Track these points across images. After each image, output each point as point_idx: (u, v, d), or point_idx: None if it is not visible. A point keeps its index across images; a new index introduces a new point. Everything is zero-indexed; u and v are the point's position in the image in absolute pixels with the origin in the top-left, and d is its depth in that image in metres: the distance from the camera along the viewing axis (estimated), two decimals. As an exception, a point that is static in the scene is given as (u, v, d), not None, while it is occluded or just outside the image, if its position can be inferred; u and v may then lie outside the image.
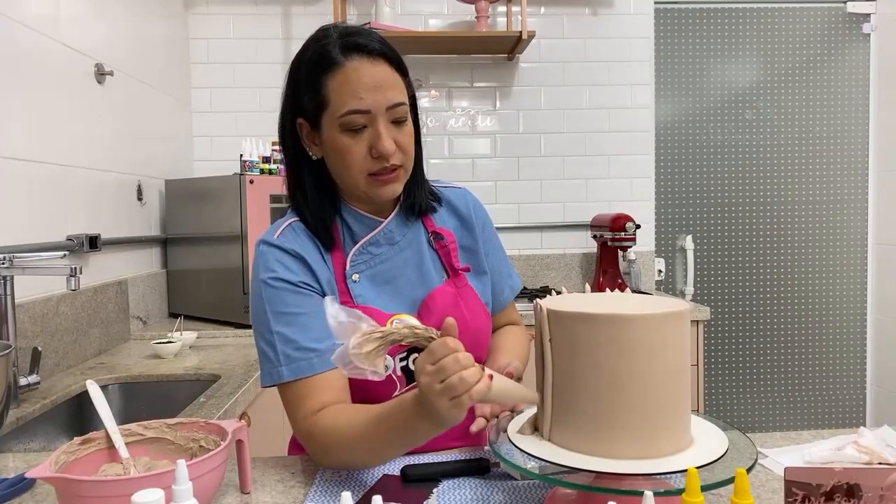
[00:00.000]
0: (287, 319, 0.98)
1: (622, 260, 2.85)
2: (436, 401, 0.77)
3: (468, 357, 0.77)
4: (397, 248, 1.08)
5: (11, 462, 1.12)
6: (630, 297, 0.89)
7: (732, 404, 3.19)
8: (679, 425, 0.79)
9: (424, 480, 0.93)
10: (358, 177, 1.00)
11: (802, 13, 3.14)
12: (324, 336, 0.98)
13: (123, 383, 1.73)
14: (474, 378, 0.76)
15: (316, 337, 0.98)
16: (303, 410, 0.96)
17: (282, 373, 0.97)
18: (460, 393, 0.75)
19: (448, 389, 0.75)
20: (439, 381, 0.76)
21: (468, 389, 0.75)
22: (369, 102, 0.96)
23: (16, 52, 1.65)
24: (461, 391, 0.75)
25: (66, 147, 1.86)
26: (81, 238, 1.86)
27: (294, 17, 2.92)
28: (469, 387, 0.75)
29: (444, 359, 0.76)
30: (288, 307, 0.99)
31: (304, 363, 0.97)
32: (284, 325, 0.98)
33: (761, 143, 3.16)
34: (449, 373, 0.75)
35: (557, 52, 3.02)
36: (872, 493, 0.66)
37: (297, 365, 0.97)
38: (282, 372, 0.97)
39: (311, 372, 0.97)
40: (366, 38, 0.98)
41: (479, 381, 0.77)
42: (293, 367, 0.97)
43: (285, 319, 0.98)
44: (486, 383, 0.77)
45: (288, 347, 0.97)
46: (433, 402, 0.77)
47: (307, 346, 0.97)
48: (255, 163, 2.41)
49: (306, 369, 0.97)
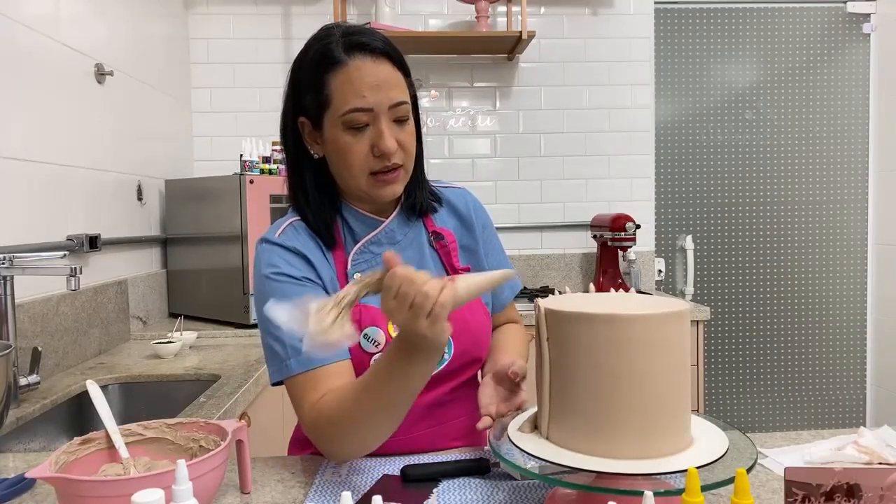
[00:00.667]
0: None
1: (622, 260, 2.85)
2: (413, 327, 0.76)
3: (422, 275, 0.76)
4: (398, 247, 1.08)
5: (11, 462, 1.12)
6: (630, 297, 0.89)
7: (732, 404, 3.19)
8: (679, 425, 0.79)
9: (424, 480, 0.93)
10: (359, 176, 1.00)
11: (802, 13, 3.14)
12: None
13: (123, 383, 1.73)
14: (436, 289, 0.76)
15: None
16: (309, 401, 0.95)
17: (290, 366, 0.96)
18: (430, 307, 0.75)
19: (418, 309, 0.75)
20: (407, 308, 0.76)
21: (436, 300, 0.75)
22: (372, 101, 0.96)
23: (16, 52, 1.65)
24: (429, 305, 0.75)
25: (66, 147, 1.86)
26: (81, 238, 1.86)
27: (294, 17, 2.92)
28: (435, 298, 0.75)
29: (400, 286, 0.76)
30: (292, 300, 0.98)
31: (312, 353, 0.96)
32: None
33: (761, 143, 3.16)
34: (411, 295, 0.75)
35: (557, 52, 3.02)
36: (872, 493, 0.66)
37: (304, 357, 0.96)
38: (290, 365, 0.96)
39: (319, 363, 0.96)
40: (369, 37, 0.98)
41: (444, 290, 0.76)
42: (301, 360, 0.96)
43: None
44: (450, 289, 0.77)
45: (295, 340, 0.97)
46: (411, 330, 0.77)
47: None
48: (255, 163, 2.41)
49: (314, 360, 0.96)
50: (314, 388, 0.95)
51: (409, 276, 0.76)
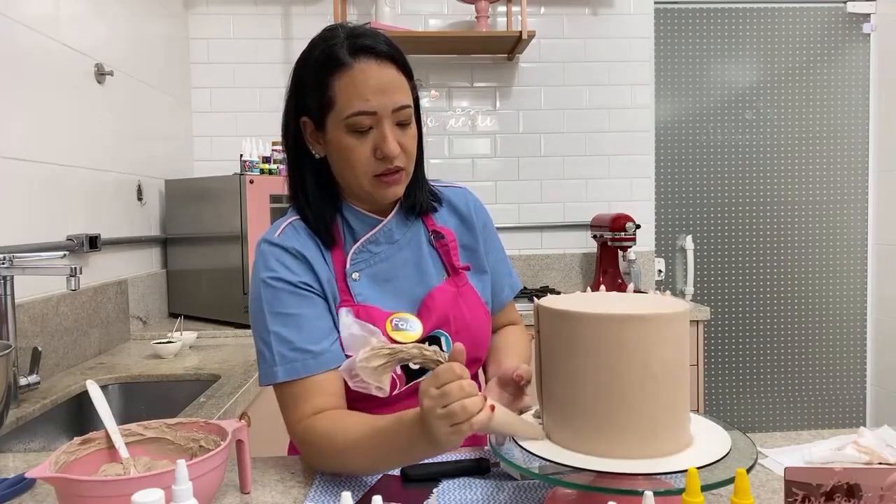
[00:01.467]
0: (284, 320, 0.98)
1: (622, 260, 2.85)
2: (436, 425, 0.77)
3: (472, 385, 0.77)
4: (397, 246, 1.08)
5: (11, 462, 1.12)
6: (630, 296, 0.89)
7: (732, 404, 3.19)
8: (679, 425, 0.79)
9: (424, 480, 0.93)
10: (362, 177, 1.00)
11: (802, 13, 3.14)
12: (320, 338, 0.98)
13: (123, 383, 1.73)
14: (476, 407, 0.76)
15: (312, 339, 0.98)
16: (298, 413, 0.96)
17: (277, 373, 0.97)
18: (461, 420, 0.75)
19: (449, 416, 0.75)
20: (442, 407, 0.76)
21: (469, 418, 0.75)
22: (376, 104, 0.96)
23: (16, 52, 1.65)
24: (462, 419, 0.75)
25: (66, 147, 1.86)
26: (81, 238, 1.86)
27: (294, 17, 2.92)
28: (470, 415, 0.75)
29: (449, 384, 0.76)
30: (286, 307, 0.99)
31: (300, 364, 0.97)
32: (281, 326, 0.98)
33: (761, 143, 3.16)
34: (452, 399, 0.75)
35: (557, 52, 3.02)
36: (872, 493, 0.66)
37: (291, 366, 0.97)
38: (277, 372, 0.97)
39: (306, 373, 0.97)
40: (373, 39, 0.98)
41: (481, 412, 0.76)
42: (288, 368, 0.97)
43: (282, 320, 0.98)
44: (487, 413, 0.77)
45: (284, 348, 0.97)
46: (433, 425, 0.77)
47: (303, 348, 0.97)
48: (255, 163, 2.41)
49: (301, 370, 0.97)
50: (302, 400, 0.96)
51: (460, 379, 0.76)
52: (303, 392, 0.97)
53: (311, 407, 0.96)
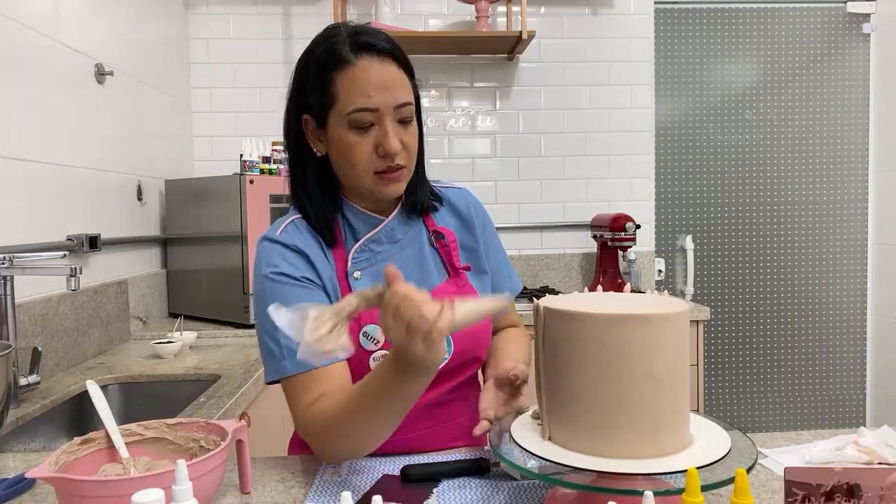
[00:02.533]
0: None
1: (622, 260, 2.85)
2: (408, 347, 0.77)
3: (423, 295, 0.77)
4: (398, 246, 1.09)
5: (11, 462, 1.12)
6: (630, 296, 0.89)
7: (732, 404, 3.19)
8: (678, 425, 0.79)
9: (424, 480, 0.93)
10: (363, 175, 1.00)
11: (802, 13, 3.14)
12: None
13: (123, 383, 1.73)
14: (434, 310, 0.76)
15: None
16: (303, 402, 0.96)
17: (285, 366, 0.97)
18: (427, 329, 0.75)
19: (414, 331, 0.75)
20: (404, 329, 0.76)
21: (433, 323, 0.75)
22: (377, 101, 0.96)
23: (16, 52, 1.65)
24: (426, 327, 0.75)
25: (66, 147, 1.86)
26: (81, 238, 1.86)
27: (294, 17, 2.92)
28: (433, 320, 0.75)
29: (399, 305, 0.76)
30: (290, 301, 0.99)
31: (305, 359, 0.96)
32: None
33: (761, 143, 3.16)
34: (408, 315, 0.75)
35: (557, 52, 3.02)
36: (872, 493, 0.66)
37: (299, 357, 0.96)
38: (285, 366, 0.97)
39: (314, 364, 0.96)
40: (375, 37, 0.99)
41: (442, 313, 0.76)
42: (296, 361, 0.96)
43: None
44: (448, 314, 0.77)
45: (291, 341, 0.97)
46: (406, 349, 0.77)
47: None
48: (255, 163, 2.41)
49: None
50: (309, 389, 0.96)
51: (409, 295, 0.76)
52: (310, 382, 0.96)
53: (317, 394, 0.95)
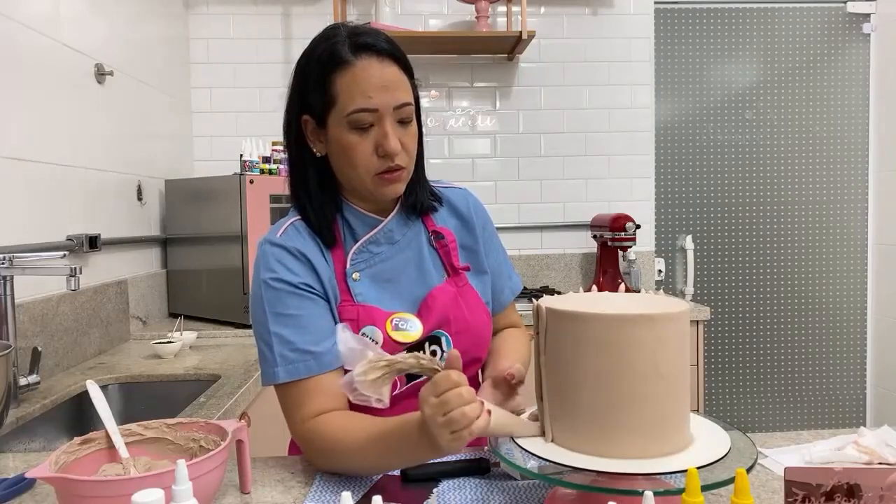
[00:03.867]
0: (285, 321, 0.98)
1: (622, 260, 2.85)
2: (437, 433, 0.78)
3: (470, 392, 0.78)
4: (398, 247, 1.08)
5: (11, 462, 1.12)
6: (630, 296, 0.89)
7: (732, 404, 3.19)
8: (679, 425, 0.79)
9: (424, 480, 0.93)
10: (363, 175, 1.00)
11: (802, 13, 3.14)
12: (321, 339, 0.98)
13: (123, 383, 1.73)
14: (475, 413, 0.77)
15: (313, 340, 0.98)
16: (300, 413, 0.97)
17: (278, 374, 0.97)
18: (461, 427, 0.77)
19: (450, 423, 0.77)
20: (442, 415, 0.77)
21: (469, 424, 0.77)
22: (377, 101, 0.96)
23: (16, 52, 1.65)
24: (462, 426, 0.76)
25: (66, 147, 1.86)
26: (81, 238, 1.86)
27: (294, 17, 2.92)
28: (470, 422, 0.77)
29: (448, 392, 0.77)
30: (287, 308, 0.99)
31: (301, 365, 0.97)
32: (282, 327, 0.98)
33: (761, 143, 3.16)
34: (451, 407, 0.76)
35: (557, 52, 3.02)
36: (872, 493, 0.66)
37: (293, 367, 0.97)
38: (278, 373, 0.97)
39: (308, 374, 0.97)
40: (375, 37, 0.99)
41: (479, 417, 0.78)
42: (289, 369, 0.97)
43: (283, 321, 0.98)
44: (485, 419, 0.79)
45: (285, 349, 0.97)
46: (435, 433, 0.78)
47: (304, 349, 0.97)
48: (255, 163, 2.41)
49: (303, 371, 0.97)
50: (305, 401, 0.97)
51: (458, 387, 0.77)
52: (305, 392, 0.97)
53: (314, 408, 0.96)
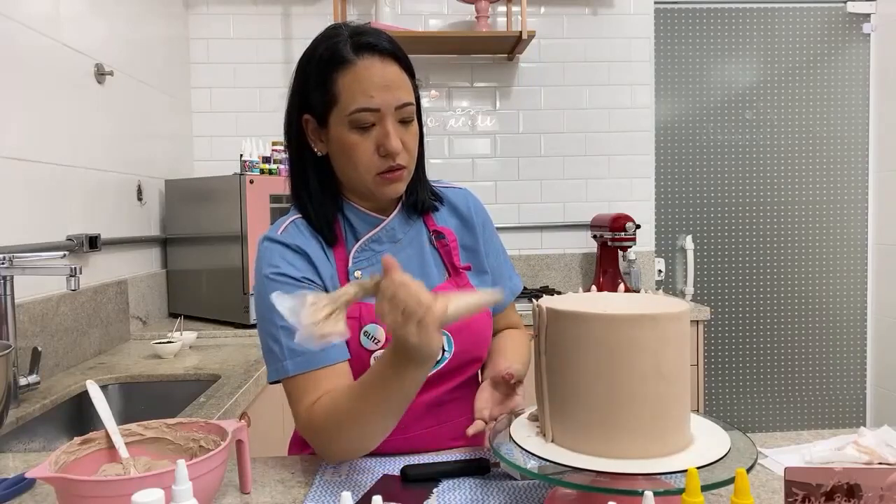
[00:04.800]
0: None
1: (622, 260, 2.85)
2: (403, 333, 0.78)
3: (418, 284, 0.78)
4: (399, 245, 1.09)
5: (11, 462, 1.12)
6: (630, 297, 0.89)
7: (732, 404, 3.19)
8: (679, 425, 0.79)
9: (424, 480, 0.93)
10: (364, 174, 1.00)
11: (802, 13, 3.14)
12: None
13: (123, 383, 1.73)
14: (430, 298, 0.77)
15: None
16: (305, 402, 0.96)
17: (286, 367, 0.97)
18: (422, 315, 0.76)
19: (409, 316, 0.77)
20: (400, 313, 0.77)
21: (428, 308, 0.77)
22: (379, 101, 0.96)
23: (16, 52, 1.65)
24: (421, 312, 0.76)
25: (66, 147, 1.86)
26: (81, 238, 1.86)
27: (294, 17, 2.92)
28: (427, 306, 0.77)
29: (395, 291, 0.77)
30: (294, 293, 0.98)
31: (309, 356, 0.97)
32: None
33: (761, 143, 3.16)
34: (404, 301, 0.77)
35: (557, 52, 3.02)
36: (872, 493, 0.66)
37: (301, 359, 0.97)
38: (286, 366, 0.97)
39: (315, 366, 0.97)
40: (376, 37, 0.99)
41: (437, 300, 0.78)
42: (297, 361, 0.97)
43: None
44: (443, 302, 0.79)
45: (292, 342, 0.97)
46: (401, 336, 0.78)
47: None
48: (256, 163, 2.41)
49: (311, 362, 0.97)
50: (311, 390, 0.96)
51: (405, 282, 0.78)
52: (311, 383, 0.96)
53: (318, 396, 0.96)
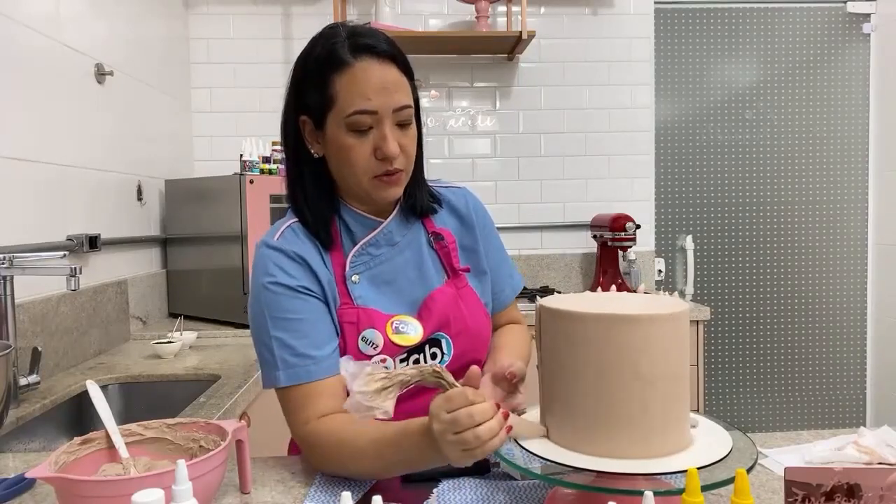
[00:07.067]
0: (285, 325, 0.98)
1: (622, 260, 2.85)
2: (447, 448, 0.76)
3: (484, 411, 0.75)
4: (397, 248, 1.08)
5: (11, 462, 1.12)
6: (630, 296, 0.89)
7: (732, 404, 3.19)
8: (679, 425, 0.79)
9: (424, 480, 0.92)
10: (361, 177, 0.99)
11: (802, 13, 3.14)
12: (322, 343, 0.98)
13: (123, 383, 1.73)
14: (488, 435, 0.74)
15: (314, 343, 0.98)
16: (302, 416, 0.96)
17: (279, 377, 0.97)
18: (472, 448, 0.74)
19: (461, 443, 0.75)
20: (453, 433, 0.75)
21: (481, 446, 0.74)
22: (377, 104, 0.95)
23: (16, 52, 1.65)
24: (473, 447, 0.74)
25: (66, 147, 1.86)
26: (81, 238, 1.86)
27: (294, 17, 2.92)
28: (482, 443, 0.74)
29: (460, 411, 0.75)
30: (286, 312, 0.98)
31: (302, 370, 0.96)
32: (282, 331, 0.98)
33: (761, 143, 3.16)
34: (462, 427, 0.74)
35: (557, 52, 3.02)
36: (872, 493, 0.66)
37: (294, 371, 0.96)
38: (279, 377, 0.97)
39: (309, 379, 0.96)
40: (375, 39, 0.98)
41: (494, 438, 0.75)
42: (290, 373, 0.97)
43: (283, 325, 0.98)
44: (500, 441, 0.76)
45: (285, 353, 0.97)
46: (445, 448, 0.77)
47: (305, 353, 0.97)
48: (255, 163, 2.41)
49: (304, 376, 0.96)
50: (305, 405, 0.96)
51: (472, 405, 0.75)
52: (306, 396, 0.96)
53: (315, 410, 0.96)
